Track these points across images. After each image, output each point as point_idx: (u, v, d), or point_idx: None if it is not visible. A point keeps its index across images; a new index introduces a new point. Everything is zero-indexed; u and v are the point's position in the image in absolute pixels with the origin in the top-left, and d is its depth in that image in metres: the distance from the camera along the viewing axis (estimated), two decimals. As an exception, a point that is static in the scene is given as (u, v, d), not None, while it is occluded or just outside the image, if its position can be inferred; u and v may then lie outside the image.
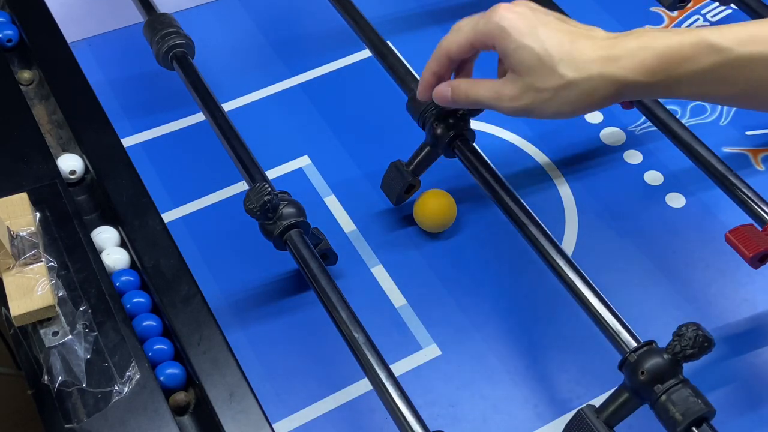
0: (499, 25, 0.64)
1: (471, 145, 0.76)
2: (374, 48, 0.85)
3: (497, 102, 0.66)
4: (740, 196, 0.75)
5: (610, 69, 0.61)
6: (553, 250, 0.68)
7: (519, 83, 0.64)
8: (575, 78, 0.61)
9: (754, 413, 0.70)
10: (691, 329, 0.59)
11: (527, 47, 0.62)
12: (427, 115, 0.76)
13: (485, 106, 0.67)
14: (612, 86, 0.61)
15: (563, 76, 0.62)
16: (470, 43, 0.67)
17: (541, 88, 0.63)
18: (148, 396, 0.61)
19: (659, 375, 0.58)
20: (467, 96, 0.68)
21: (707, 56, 0.59)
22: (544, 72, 0.62)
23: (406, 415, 0.59)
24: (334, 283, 0.67)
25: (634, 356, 0.60)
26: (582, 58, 0.61)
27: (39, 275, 0.64)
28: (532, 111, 0.64)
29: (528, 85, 0.63)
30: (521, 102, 0.64)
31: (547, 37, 0.62)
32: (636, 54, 0.60)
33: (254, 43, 1.02)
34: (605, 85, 0.61)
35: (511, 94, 0.64)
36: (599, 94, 0.62)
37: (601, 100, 0.62)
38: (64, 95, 0.81)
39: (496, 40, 0.64)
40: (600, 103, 0.63)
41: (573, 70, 0.61)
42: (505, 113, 0.66)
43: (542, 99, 0.63)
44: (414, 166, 0.79)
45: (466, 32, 0.67)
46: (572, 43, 0.62)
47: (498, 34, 0.64)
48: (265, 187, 0.69)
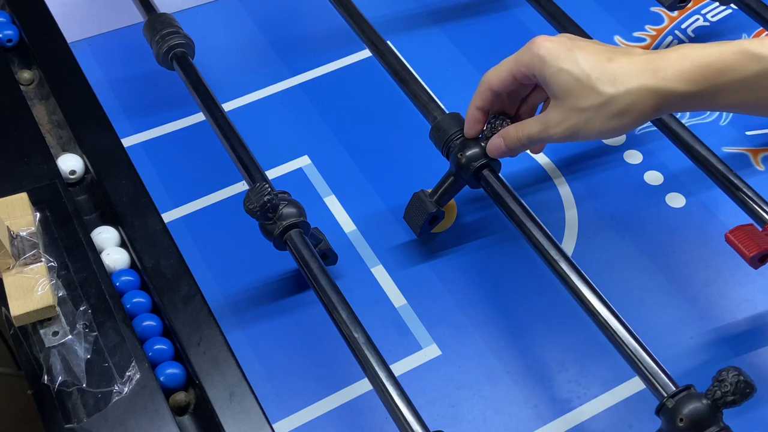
0: (538, 54, 0.65)
1: (497, 175, 0.74)
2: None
3: (546, 132, 0.67)
4: (740, 196, 0.75)
5: (650, 81, 0.61)
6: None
7: (561, 108, 0.65)
8: (615, 93, 0.62)
9: (755, 413, 0.70)
10: (732, 374, 0.57)
11: (565, 71, 0.63)
12: (451, 144, 0.75)
13: (537, 141, 0.68)
14: (653, 98, 0.61)
15: (602, 93, 0.62)
16: (512, 75, 0.68)
17: (582, 108, 0.63)
18: (148, 396, 0.61)
19: (699, 422, 0.57)
20: (519, 138, 0.69)
21: (749, 65, 0.59)
22: (583, 92, 0.63)
23: (406, 415, 0.59)
24: (334, 283, 0.67)
25: (672, 402, 0.58)
26: (620, 74, 0.62)
27: (39, 275, 0.64)
28: (578, 133, 0.65)
29: (570, 107, 0.64)
30: (566, 125, 0.65)
31: (583, 58, 0.63)
32: (676, 64, 0.60)
33: (254, 43, 1.02)
34: (646, 98, 0.61)
35: (556, 120, 0.65)
36: (641, 108, 0.62)
37: (644, 114, 0.63)
38: (64, 95, 0.81)
39: (536, 68, 0.65)
40: (643, 117, 0.63)
41: (612, 86, 0.62)
42: (555, 141, 0.67)
43: (585, 119, 0.64)
44: (438, 196, 0.78)
45: (507, 64, 0.68)
46: (609, 60, 0.63)
47: (537, 62, 0.65)
48: (265, 187, 0.69)
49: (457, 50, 1.00)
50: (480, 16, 1.04)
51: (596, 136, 0.65)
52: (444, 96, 0.90)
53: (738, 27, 1.02)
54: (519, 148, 0.71)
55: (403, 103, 0.83)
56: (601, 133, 0.64)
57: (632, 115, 0.63)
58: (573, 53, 0.64)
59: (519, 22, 1.02)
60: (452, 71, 0.98)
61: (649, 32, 1.02)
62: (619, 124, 0.63)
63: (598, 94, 0.62)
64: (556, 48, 0.64)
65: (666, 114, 0.66)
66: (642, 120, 0.63)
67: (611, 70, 0.62)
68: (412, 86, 0.81)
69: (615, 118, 0.63)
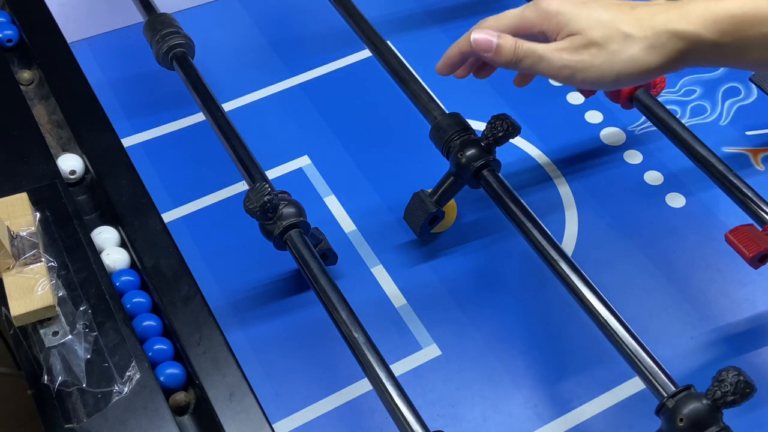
0: (548, 10, 0.60)
1: (497, 176, 0.74)
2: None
3: (556, 53, 0.59)
4: (740, 196, 0.75)
5: (678, 25, 0.57)
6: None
7: (580, 39, 0.58)
8: (640, 35, 0.57)
9: (755, 413, 0.70)
10: (732, 374, 0.57)
11: (584, 14, 0.59)
12: (451, 144, 0.75)
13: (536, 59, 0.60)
14: (679, 42, 0.57)
15: (627, 33, 0.57)
16: (513, 28, 0.62)
17: (604, 43, 0.58)
18: (148, 396, 0.61)
19: (699, 422, 0.57)
20: (516, 47, 0.61)
21: None
22: (606, 30, 0.58)
23: (406, 415, 0.59)
24: (334, 283, 0.67)
25: (672, 402, 0.58)
26: (646, 17, 0.58)
27: (39, 275, 0.64)
28: (591, 68, 0.58)
29: (590, 39, 0.58)
30: (582, 56, 0.58)
31: (602, 8, 0.59)
32: (707, 10, 0.57)
33: (254, 43, 1.02)
34: (672, 42, 0.57)
35: (572, 47, 0.59)
36: (668, 51, 0.57)
37: (670, 58, 0.57)
38: (64, 95, 0.81)
39: (546, 22, 0.60)
40: (667, 63, 0.58)
41: (637, 28, 0.57)
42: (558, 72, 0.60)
43: (605, 54, 0.58)
44: (438, 196, 0.78)
45: (511, 18, 0.63)
46: (633, 8, 0.59)
47: (548, 16, 0.60)
48: (265, 187, 0.69)
49: (457, 50, 0.99)
50: (480, 16, 1.03)
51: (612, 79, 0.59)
52: (444, 96, 0.90)
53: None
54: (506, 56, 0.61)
55: (403, 103, 0.83)
56: (619, 75, 0.58)
57: (658, 59, 0.57)
58: (589, 5, 0.59)
59: (519, 22, 1.02)
60: (452, 71, 0.98)
61: (649, 32, 1.01)
62: (642, 67, 0.58)
63: (622, 34, 0.57)
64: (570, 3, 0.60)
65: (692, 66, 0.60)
66: (667, 67, 0.58)
67: (635, 14, 0.58)
68: (412, 86, 0.81)
69: (639, 60, 0.58)
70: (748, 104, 0.94)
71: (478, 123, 0.92)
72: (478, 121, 0.92)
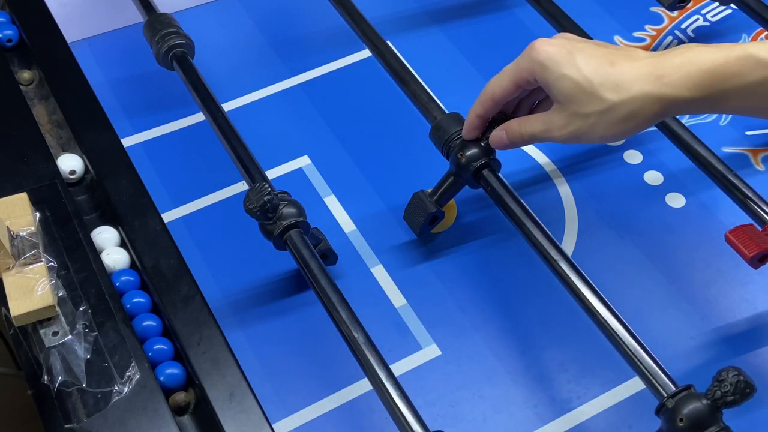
0: (538, 60, 0.65)
1: (497, 176, 0.74)
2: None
3: (549, 133, 0.67)
4: (740, 196, 0.75)
5: (654, 87, 0.61)
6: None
7: (565, 112, 0.65)
8: (618, 100, 0.62)
9: (755, 413, 0.70)
10: (732, 374, 0.57)
11: (566, 77, 0.63)
12: (451, 144, 0.75)
13: (539, 139, 0.69)
14: (657, 104, 0.61)
15: (605, 100, 0.62)
16: (514, 83, 0.68)
17: (585, 113, 0.63)
18: (148, 396, 0.61)
19: (699, 422, 0.57)
20: (521, 134, 0.69)
21: (754, 71, 0.59)
22: (585, 98, 0.63)
23: (406, 415, 0.59)
24: (334, 283, 0.67)
25: (672, 402, 0.58)
26: (623, 80, 0.62)
27: (39, 275, 0.64)
28: (581, 137, 0.65)
29: (573, 112, 0.64)
30: (569, 129, 0.65)
31: (584, 63, 0.63)
32: (681, 70, 0.60)
33: (254, 43, 1.02)
34: (650, 104, 0.61)
35: (559, 123, 0.65)
36: (645, 114, 0.62)
37: (647, 120, 0.63)
38: (64, 95, 0.81)
39: (537, 74, 0.65)
40: (646, 122, 0.63)
41: (615, 93, 0.62)
42: (558, 142, 0.67)
43: (588, 124, 0.64)
44: (438, 196, 0.78)
45: (509, 73, 0.68)
46: (612, 65, 0.62)
47: (538, 68, 0.65)
48: (265, 187, 0.69)
49: (457, 50, 1.00)
50: (480, 16, 1.04)
51: (599, 140, 0.66)
52: (444, 96, 0.90)
53: (738, 27, 1.02)
54: (519, 144, 0.71)
55: (403, 103, 0.83)
56: (604, 137, 0.65)
57: (636, 120, 0.62)
58: (573, 57, 0.63)
59: (519, 22, 1.02)
60: (452, 71, 0.98)
61: (649, 32, 1.02)
62: (623, 129, 0.63)
63: (601, 101, 0.62)
64: (556, 52, 0.64)
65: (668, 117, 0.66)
66: (645, 125, 0.63)
67: (614, 76, 0.62)
68: (412, 86, 0.81)
69: (618, 123, 0.63)
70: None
71: (478, 123, 0.92)
72: (478, 121, 0.92)
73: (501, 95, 0.69)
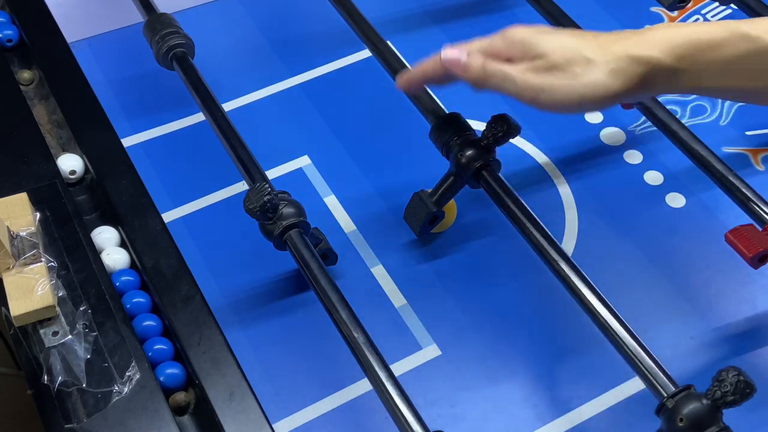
0: (515, 37, 0.63)
1: (497, 176, 0.74)
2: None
3: (521, 74, 0.61)
4: (740, 196, 0.75)
5: (637, 49, 0.59)
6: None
7: (542, 62, 0.61)
8: (602, 59, 0.59)
9: (755, 413, 0.70)
10: (732, 374, 0.57)
11: (550, 40, 0.61)
12: (451, 144, 0.75)
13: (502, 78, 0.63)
14: (639, 67, 0.59)
15: (590, 59, 0.60)
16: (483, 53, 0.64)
17: (567, 67, 0.60)
18: (148, 396, 0.61)
19: (699, 422, 0.57)
20: (485, 65, 0.64)
21: (738, 43, 0.58)
22: (570, 55, 0.60)
23: (406, 415, 0.59)
24: (334, 283, 0.67)
25: (672, 402, 0.58)
26: (607, 44, 0.60)
27: (39, 275, 0.64)
28: (555, 91, 0.60)
29: (554, 63, 0.60)
30: (546, 79, 0.61)
31: (567, 36, 0.62)
32: (664, 37, 0.59)
33: (254, 43, 1.02)
34: (632, 66, 0.59)
35: (536, 69, 0.61)
36: (626, 76, 0.59)
37: (629, 84, 0.59)
38: (64, 95, 0.81)
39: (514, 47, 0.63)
40: (628, 87, 0.60)
41: (599, 54, 0.60)
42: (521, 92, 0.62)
43: (568, 78, 0.60)
44: (438, 196, 0.78)
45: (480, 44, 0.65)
46: (595, 36, 0.61)
47: (512, 44, 0.63)
48: (265, 187, 0.69)
49: (457, 50, 0.99)
50: (480, 16, 1.04)
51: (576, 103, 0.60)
52: (444, 96, 0.89)
53: (738, 27, 1.01)
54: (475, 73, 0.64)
55: (403, 103, 0.83)
56: (582, 99, 0.60)
57: (619, 82, 0.59)
58: (555, 33, 0.62)
59: (519, 22, 1.02)
60: (452, 71, 0.98)
61: (649, 32, 1.01)
62: (605, 92, 0.60)
63: (585, 60, 0.60)
64: (536, 30, 0.63)
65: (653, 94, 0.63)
66: (628, 91, 0.60)
67: (597, 41, 0.60)
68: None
69: (601, 85, 0.60)
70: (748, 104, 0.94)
71: (478, 123, 0.92)
72: (478, 121, 0.92)
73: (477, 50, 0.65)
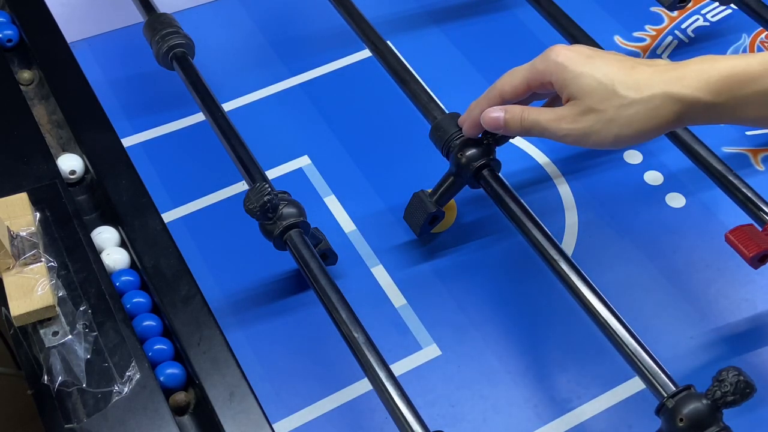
0: (556, 61, 0.64)
1: (497, 176, 0.74)
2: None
3: (556, 124, 0.64)
4: (740, 196, 0.75)
5: (673, 88, 0.60)
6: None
7: (579, 106, 0.63)
8: (638, 97, 0.61)
9: (755, 413, 0.70)
10: (732, 374, 0.57)
11: (586, 74, 0.63)
12: (451, 144, 0.75)
13: (541, 130, 0.66)
14: (675, 105, 0.60)
15: (625, 97, 0.61)
16: (526, 83, 0.67)
17: (602, 108, 0.62)
18: (148, 396, 0.61)
19: (699, 422, 0.57)
20: (522, 120, 0.67)
21: None
22: (604, 94, 0.62)
23: (406, 415, 0.59)
24: (334, 283, 0.67)
25: (672, 401, 0.58)
26: (644, 79, 0.61)
27: (39, 275, 0.64)
28: (591, 135, 0.63)
29: (588, 107, 0.62)
30: (581, 124, 0.63)
31: (605, 65, 0.63)
32: (701, 73, 0.60)
33: (254, 43, 1.02)
34: (670, 104, 0.60)
35: (571, 115, 0.63)
36: (664, 114, 0.61)
37: (666, 121, 0.61)
38: (64, 95, 0.81)
39: (554, 75, 0.64)
40: (665, 124, 0.61)
41: (635, 91, 0.61)
42: (561, 139, 0.65)
43: (603, 120, 0.62)
44: (438, 196, 0.78)
45: (522, 72, 0.67)
46: (633, 68, 0.62)
47: (555, 69, 0.64)
48: (265, 187, 0.69)
49: (457, 50, 1.00)
50: (480, 16, 1.04)
51: (611, 142, 0.63)
52: (444, 96, 0.90)
53: (738, 27, 1.02)
54: (515, 129, 0.68)
55: (403, 103, 0.83)
56: (617, 138, 0.62)
57: (654, 121, 0.61)
58: (593, 60, 0.63)
59: (519, 22, 1.02)
60: (452, 71, 0.98)
61: (649, 32, 1.02)
62: (638, 130, 0.62)
63: (620, 97, 0.61)
64: (576, 56, 0.64)
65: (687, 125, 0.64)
66: (663, 128, 0.62)
67: (635, 76, 0.62)
68: (412, 86, 0.81)
69: (634, 122, 0.62)
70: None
71: (478, 123, 0.92)
72: (478, 121, 0.92)
73: (510, 93, 0.68)
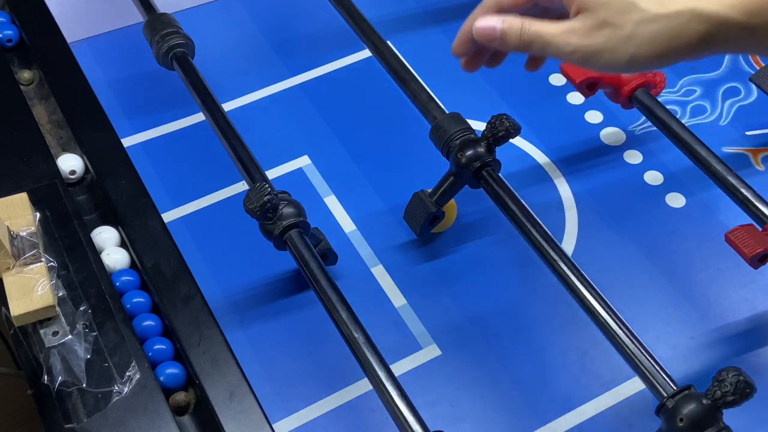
0: None
1: (497, 176, 0.74)
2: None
3: (563, 38, 0.54)
4: (740, 196, 0.75)
5: (702, 4, 0.51)
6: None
7: (592, 18, 0.53)
8: (661, 12, 0.51)
9: (755, 413, 0.70)
10: (732, 374, 0.57)
11: None
12: (451, 144, 0.75)
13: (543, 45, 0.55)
14: (703, 24, 0.51)
15: (646, 11, 0.51)
16: None
17: (618, 22, 0.52)
18: (148, 396, 0.61)
19: (699, 422, 0.57)
20: (522, 32, 0.55)
21: None
22: (622, 6, 0.52)
23: (406, 415, 0.59)
24: (334, 283, 0.67)
25: (672, 402, 0.58)
26: None
27: (39, 275, 0.64)
28: (604, 53, 0.53)
29: (603, 20, 0.52)
30: (593, 40, 0.53)
31: None
32: None
33: (254, 43, 1.02)
34: (696, 22, 0.51)
35: (582, 29, 0.53)
36: (688, 34, 0.51)
37: (690, 43, 0.52)
38: (64, 95, 0.80)
39: None
40: (686, 47, 0.52)
41: (658, 5, 0.51)
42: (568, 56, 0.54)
43: (619, 36, 0.52)
44: (438, 196, 0.78)
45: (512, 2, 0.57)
46: None
47: None
48: (265, 187, 0.69)
49: (457, 50, 1.00)
50: (480, 16, 1.04)
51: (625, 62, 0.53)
52: (444, 96, 0.90)
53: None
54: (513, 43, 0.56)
55: (403, 103, 0.83)
56: (633, 58, 0.52)
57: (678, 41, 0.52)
58: None
59: (519, 22, 1.02)
60: (452, 71, 0.98)
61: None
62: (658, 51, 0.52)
63: (641, 11, 0.51)
64: None
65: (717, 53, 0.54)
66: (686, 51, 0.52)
67: None
68: (412, 86, 0.81)
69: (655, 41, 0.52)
70: (748, 104, 0.94)
71: (478, 123, 0.92)
72: (478, 121, 0.92)
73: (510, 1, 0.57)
